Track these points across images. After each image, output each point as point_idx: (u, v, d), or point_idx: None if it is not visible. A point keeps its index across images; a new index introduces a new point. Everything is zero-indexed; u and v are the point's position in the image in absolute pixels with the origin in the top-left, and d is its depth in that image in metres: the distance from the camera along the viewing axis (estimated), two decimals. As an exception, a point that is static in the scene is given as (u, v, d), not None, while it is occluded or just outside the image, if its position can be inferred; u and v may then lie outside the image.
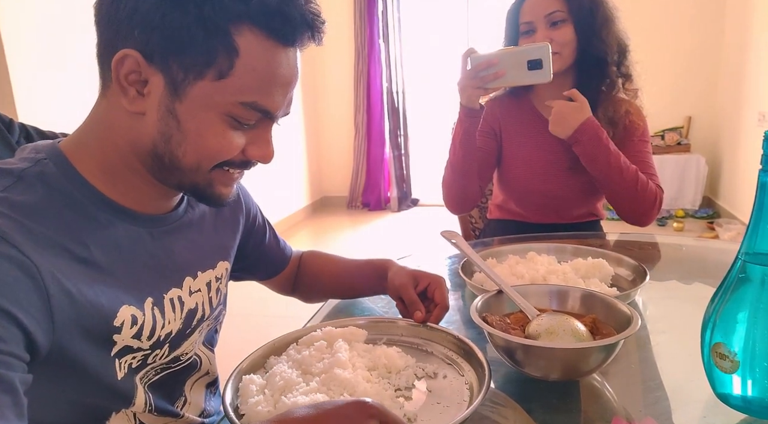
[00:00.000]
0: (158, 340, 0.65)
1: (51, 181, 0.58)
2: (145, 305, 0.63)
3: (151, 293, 0.64)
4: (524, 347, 0.66)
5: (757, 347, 0.58)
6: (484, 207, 1.76)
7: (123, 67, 0.57)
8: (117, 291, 0.59)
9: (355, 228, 4.69)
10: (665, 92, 4.25)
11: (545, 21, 1.31)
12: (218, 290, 0.77)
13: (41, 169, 0.58)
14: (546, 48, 1.16)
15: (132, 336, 0.61)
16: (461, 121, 1.34)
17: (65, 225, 0.56)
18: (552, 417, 0.64)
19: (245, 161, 0.64)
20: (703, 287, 1.06)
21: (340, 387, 0.64)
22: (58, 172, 0.59)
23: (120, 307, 0.59)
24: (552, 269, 1.00)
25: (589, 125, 1.26)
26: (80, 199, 0.59)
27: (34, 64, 2.34)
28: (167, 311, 0.66)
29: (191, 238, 0.73)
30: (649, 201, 1.31)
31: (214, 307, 0.76)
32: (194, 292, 0.71)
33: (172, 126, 0.58)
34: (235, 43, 0.56)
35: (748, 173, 3.74)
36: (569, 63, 1.34)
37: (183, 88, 0.57)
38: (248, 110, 0.59)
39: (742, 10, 3.87)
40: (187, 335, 0.71)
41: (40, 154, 0.60)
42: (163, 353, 0.67)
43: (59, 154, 0.61)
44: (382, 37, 4.85)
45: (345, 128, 5.15)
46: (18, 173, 0.57)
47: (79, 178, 0.60)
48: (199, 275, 0.73)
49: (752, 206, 0.59)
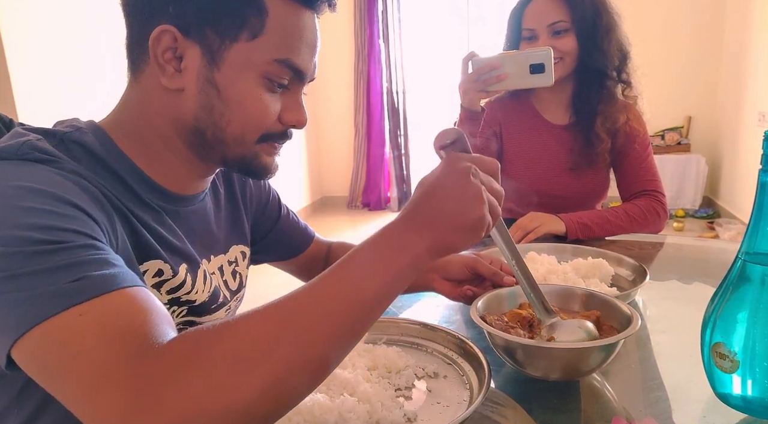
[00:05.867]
0: (177, 299, 0.67)
1: (91, 148, 0.60)
2: (180, 267, 0.66)
3: (187, 261, 0.68)
4: (524, 346, 0.66)
5: (757, 347, 0.58)
6: (484, 207, 1.75)
7: (160, 45, 0.59)
8: (154, 244, 0.63)
9: (355, 228, 4.69)
10: (665, 92, 4.25)
11: (548, 30, 1.31)
12: (234, 272, 0.80)
13: (81, 136, 0.60)
14: (548, 52, 1.17)
15: (152, 285, 0.63)
16: (462, 123, 1.34)
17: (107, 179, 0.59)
18: (552, 417, 0.64)
19: (283, 132, 0.67)
20: (703, 287, 1.06)
21: (340, 387, 0.64)
22: (97, 141, 0.61)
23: (153, 259, 0.62)
24: (552, 269, 1.00)
25: (571, 229, 1.27)
26: (117, 169, 0.61)
27: (34, 64, 2.34)
28: (199, 280, 0.69)
29: (209, 221, 0.75)
30: (652, 220, 1.34)
31: (234, 290, 0.79)
32: (210, 274, 0.73)
33: (213, 96, 0.61)
34: (265, 3, 0.59)
35: (748, 173, 3.74)
36: (570, 70, 1.35)
37: (220, 55, 0.60)
38: (282, 68, 0.62)
39: (742, 10, 3.87)
40: (212, 310, 0.73)
41: (79, 124, 0.62)
42: (180, 311, 0.68)
43: (98, 127, 0.63)
44: (382, 37, 4.86)
45: (345, 128, 5.15)
46: (60, 136, 0.59)
47: (117, 150, 0.62)
48: (212, 259, 0.75)
49: (752, 206, 0.59)
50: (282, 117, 0.65)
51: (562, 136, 1.42)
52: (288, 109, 0.66)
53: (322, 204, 5.35)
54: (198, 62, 0.60)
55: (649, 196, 1.37)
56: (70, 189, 0.52)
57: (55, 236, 0.46)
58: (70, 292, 0.43)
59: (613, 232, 1.31)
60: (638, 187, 1.39)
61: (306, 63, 0.64)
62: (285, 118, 0.66)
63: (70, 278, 0.44)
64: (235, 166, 0.68)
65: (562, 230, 1.27)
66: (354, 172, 5.21)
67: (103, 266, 0.46)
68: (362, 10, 4.80)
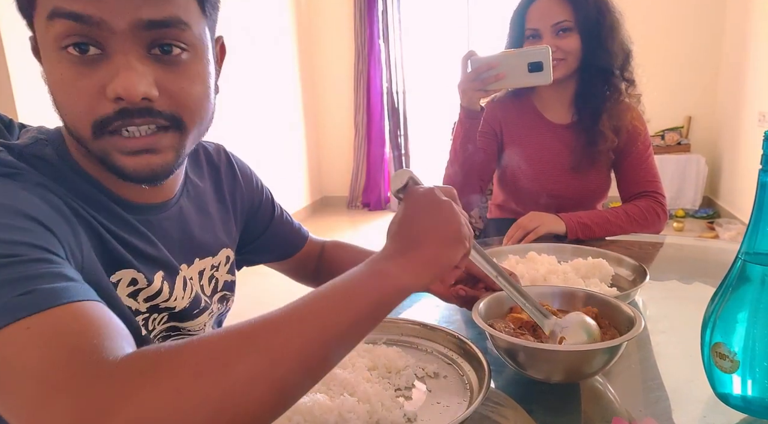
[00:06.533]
0: (155, 306, 0.66)
1: (51, 161, 0.59)
2: (155, 276, 0.65)
3: (163, 268, 0.66)
4: (527, 349, 0.66)
5: (757, 347, 0.58)
6: (485, 207, 1.76)
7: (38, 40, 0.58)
8: (124, 253, 0.61)
9: (355, 228, 4.69)
10: (665, 92, 4.25)
11: (552, 30, 1.31)
12: (212, 277, 0.77)
13: (40, 150, 0.58)
14: (546, 50, 1.16)
15: (128, 295, 0.62)
16: (462, 123, 1.34)
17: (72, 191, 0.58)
18: (552, 417, 0.64)
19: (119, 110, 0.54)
20: (703, 287, 1.06)
21: (340, 387, 0.64)
22: (55, 154, 0.59)
23: (123, 268, 0.61)
24: (552, 269, 1.00)
25: (572, 229, 1.27)
26: (78, 182, 0.60)
27: (34, 64, 2.34)
28: (178, 287, 0.68)
29: (187, 224, 0.73)
30: (652, 221, 1.35)
31: (208, 295, 0.76)
32: (189, 279, 0.72)
33: (49, 89, 0.57)
34: None
35: (748, 173, 3.74)
36: (573, 69, 1.35)
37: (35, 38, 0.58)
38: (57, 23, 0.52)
39: (742, 10, 3.87)
40: (195, 315, 0.72)
41: (41, 135, 0.61)
42: (161, 318, 0.67)
43: (60, 137, 0.62)
44: (382, 37, 4.85)
45: (345, 128, 5.15)
46: (18, 149, 0.57)
47: (73, 162, 0.61)
48: (196, 261, 0.73)
49: (752, 206, 0.59)
50: (107, 90, 0.53)
51: (563, 136, 1.42)
52: (105, 79, 0.53)
53: (322, 204, 5.35)
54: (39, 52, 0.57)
55: (649, 197, 1.37)
56: (31, 203, 0.51)
57: (7, 249, 0.45)
58: (17, 306, 0.42)
59: (613, 232, 1.31)
60: (639, 188, 1.39)
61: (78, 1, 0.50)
62: (110, 89, 0.53)
63: (18, 291, 0.43)
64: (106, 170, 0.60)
65: (563, 229, 1.27)
66: (354, 172, 5.21)
67: (55, 280, 0.45)
68: (362, 10, 4.79)
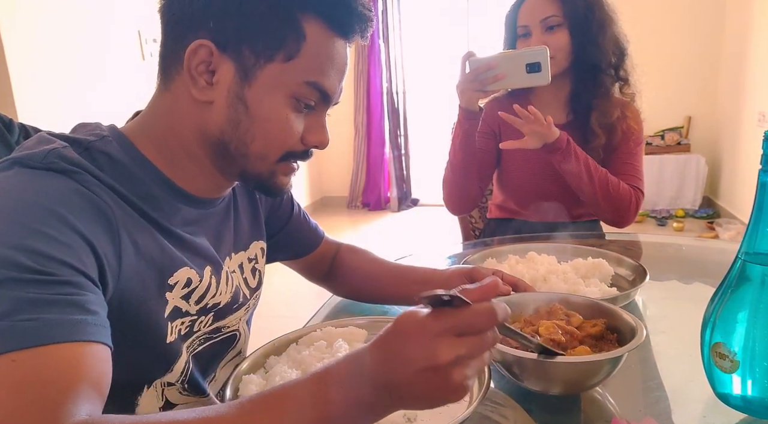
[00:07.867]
0: (205, 306, 0.68)
1: (117, 157, 0.61)
2: (204, 271, 0.67)
3: (211, 263, 0.69)
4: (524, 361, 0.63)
5: (757, 347, 0.58)
6: (484, 207, 1.76)
7: (196, 57, 0.60)
8: (178, 253, 0.64)
9: (355, 228, 4.69)
10: (665, 92, 4.24)
11: (541, 26, 1.32)
12: (254, 269, 0.81)
13: (106, 146, 0.61)
14: (544, 51, 1.17)
15: (181, 297, 0.64)
16: (461, 123, 1.34)
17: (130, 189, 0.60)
18: (552, 417, 0.64)
19: (305, 151, 0.68)
20: (703, 287, 1.06)
21: (340, 387, 0.64)
22: (122, 150, 0.62)
23: (180, 268, 0.63)
24: (552, 269, 1.00)
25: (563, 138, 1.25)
26: (142, 177, 0.62)
27: (34, 64, 2.34)
28: (222, 282, 0.70)
29: (229, 219, 0.76)
30: (623, 202, 1.32)
31: (253, 288, 0.80)
32: (231, 273, 0.74)
33: (241, 111, 0.62)
34: (303, 29, 0.61)
35: (748, 173, 3.73)
36: (564, 66, 1.35)
37: (253, 73, 0.61)
38: (311, 90, 0.63)
39: (742, 10, 3.87)
40: (233, 310, 0.74)
41: (103, 132, 0.63)
42: (207, 320, 0.70)
43: (121, 134, 0.64)
44: (382, 37, 4.85)
45: (345, 128, 5.15)
46: (86, 145, 0.59)
47: (141, 156, 0.63)
48: (233, 256, 0.76)
49: (752, 206, 0.59)
50: (305, 137, 0.67)
51: (560, 135, 1.42)
52: (311, 129, 0.67)
53: (322, 204, 5.35)
54: (230, 78, 0.61)
55: (630, 187, 1.36)
56: (78, 210, 0.52)
57: (39, 264, 0.46)
58: (14, 333, 0.42)
59: (589, 177, 1.29)
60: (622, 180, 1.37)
61: (334, 87, 0.66)
62: (307, 138, 0.67)
63: (25, 315, 0.43)
64: (251, 182, 0.69)
65: (556, 134, 1.25)
66: (354, 172, 5.20)
67: (68, 310, 0.45)
68: (362, 10, 4.79)
